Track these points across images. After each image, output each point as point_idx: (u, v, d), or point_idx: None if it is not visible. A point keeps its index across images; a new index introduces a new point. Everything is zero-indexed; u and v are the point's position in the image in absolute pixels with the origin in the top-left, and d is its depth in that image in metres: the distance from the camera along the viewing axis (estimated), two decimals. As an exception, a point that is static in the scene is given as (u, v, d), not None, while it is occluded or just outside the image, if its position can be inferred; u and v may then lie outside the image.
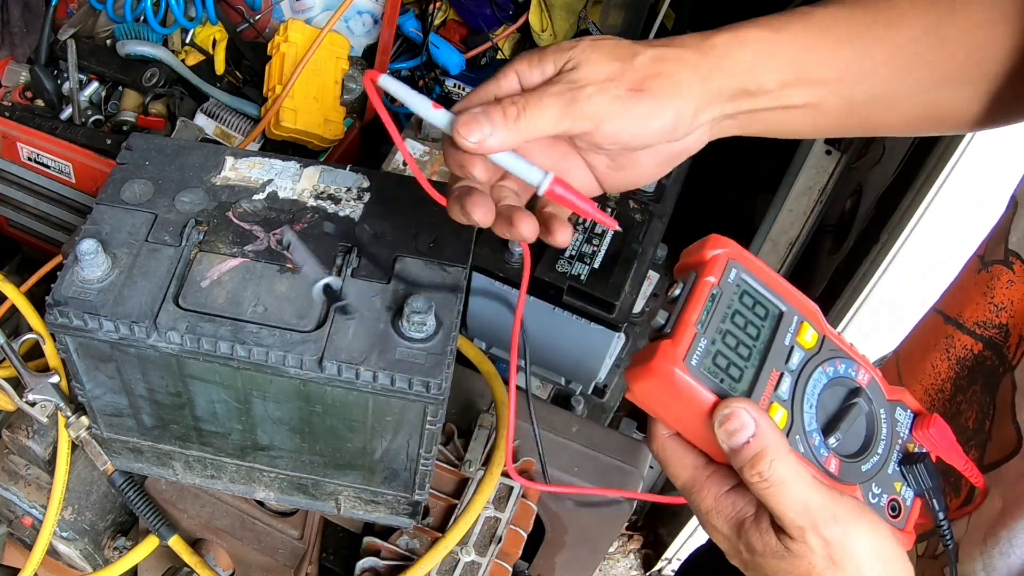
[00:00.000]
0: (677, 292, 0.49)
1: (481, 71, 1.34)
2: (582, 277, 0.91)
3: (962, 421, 0.57)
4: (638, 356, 0.47)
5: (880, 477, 0.48)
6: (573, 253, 0.93)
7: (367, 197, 0.76)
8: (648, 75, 0.51)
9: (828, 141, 1.14)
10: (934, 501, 0.49)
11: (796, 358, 0.48)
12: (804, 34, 0.52)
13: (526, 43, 1.35)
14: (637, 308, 1.14)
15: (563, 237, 0.53)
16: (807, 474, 0.45)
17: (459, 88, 1.35)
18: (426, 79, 1.34)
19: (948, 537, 0.50)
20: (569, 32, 1.32)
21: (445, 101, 1.34)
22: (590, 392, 1.11)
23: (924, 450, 0.49)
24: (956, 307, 0.59)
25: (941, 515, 0.49)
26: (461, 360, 0.90)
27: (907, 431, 0.50)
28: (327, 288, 0.67)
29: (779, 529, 0.46)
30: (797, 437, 0.46)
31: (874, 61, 0.53)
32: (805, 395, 0.47)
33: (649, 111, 0.50)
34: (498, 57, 1.33)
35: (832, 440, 0.47)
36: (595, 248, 0.93)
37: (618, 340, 1.02)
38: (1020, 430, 0.51)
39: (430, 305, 0.67)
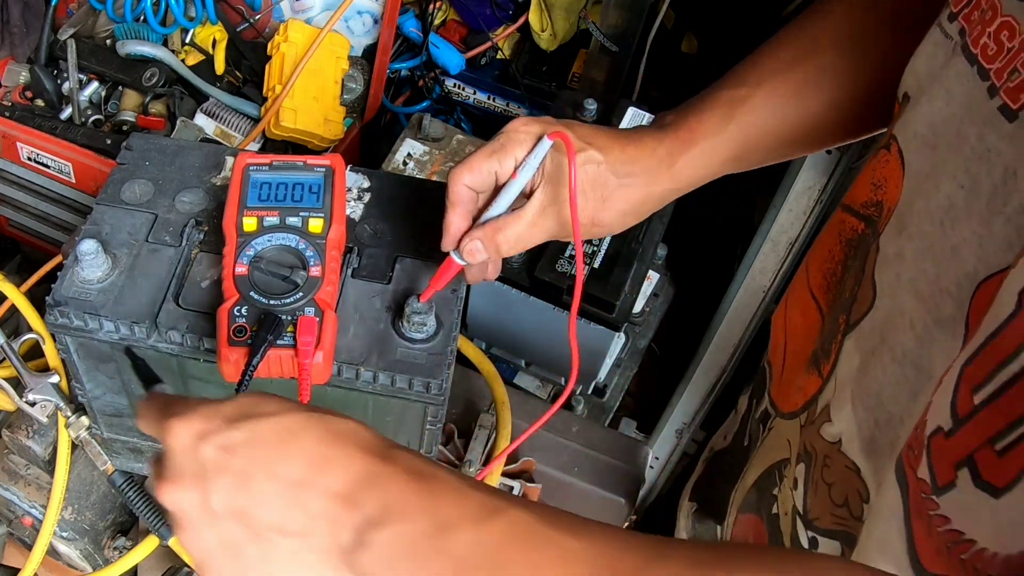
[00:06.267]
0: None
1: (481, 71, 1.34)
2: (582, 277, 0.91)
3: (844, 295, 0.60)
4: None
5: None
6: (573, 253, 0.93)
7: (367, 197, 0.76)
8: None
9: (833, 146, 1.14)
10: None
11: None
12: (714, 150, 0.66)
13: (526, 43, 1.35)
14: (637, 308, 1.14)
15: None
16: None
17: (459, 88, 1.35)
18: (426, 79, 1.34)
19: None
20: (569, 32, 1.32)
21: (446, 101, 1.35)
22: (590, 392, 1.11)
23: None
24: (851, 196, 0.62)
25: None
26: (461, 360, 0.90)
27: None
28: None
29: None
30: None
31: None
32: None
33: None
34: (498, 57, 1.33)
35: None
36: (595, 248, 0.93)
37: (618, 340, 1.02)
38: (875, 287, 0.54)
39: (430, 305, 0.67)
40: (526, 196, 0.63)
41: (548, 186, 0.62)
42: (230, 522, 0.45)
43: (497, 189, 0.63)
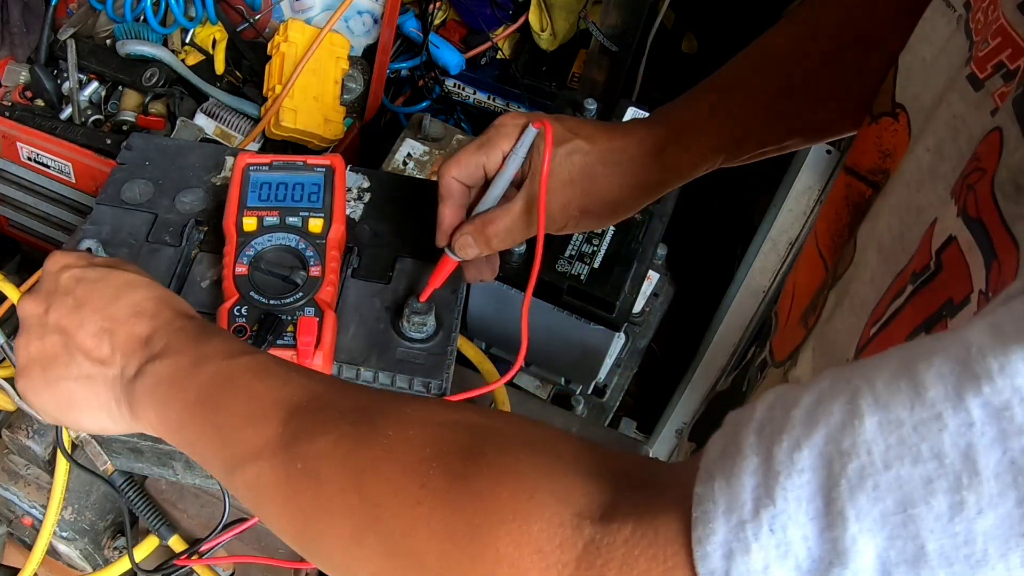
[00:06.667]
0: None
1: (481, 71, 1.34)
2: (582, 277, 0.91)
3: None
4: None
5: None
6: (573, 253, 0.93)
7: (367, 197, 0.76)
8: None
9: (828, 140, 1.14)
10: None
11: None
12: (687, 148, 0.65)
13: (526, 43, 1.35)
14: (637, 308, 1.14)
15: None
16: None
17: (459, 88, 1.35)
18: (426, 79, 1.34)
19: None
20: (569, 32, 1.32)
21: (446, 101, 1.35)
22: (590, 392, 1.11)
23: None
24: (854, 159, 0.62)
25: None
26: (461, 360, 0.90)
27: None
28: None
29: None
30: None
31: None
32: None
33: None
34: (498, 57, 1.33)
35: None
36: (595, 248, 0.93)
37: (618, 340, 1.02)
38: (856, 243, 0.55)
39: (430, 305, 0.67)
40: (517, 188, 0.63)
41: (536, 178, 0.62)
42: (55, 335, 0.55)
43: (488, 183, 0.63)
